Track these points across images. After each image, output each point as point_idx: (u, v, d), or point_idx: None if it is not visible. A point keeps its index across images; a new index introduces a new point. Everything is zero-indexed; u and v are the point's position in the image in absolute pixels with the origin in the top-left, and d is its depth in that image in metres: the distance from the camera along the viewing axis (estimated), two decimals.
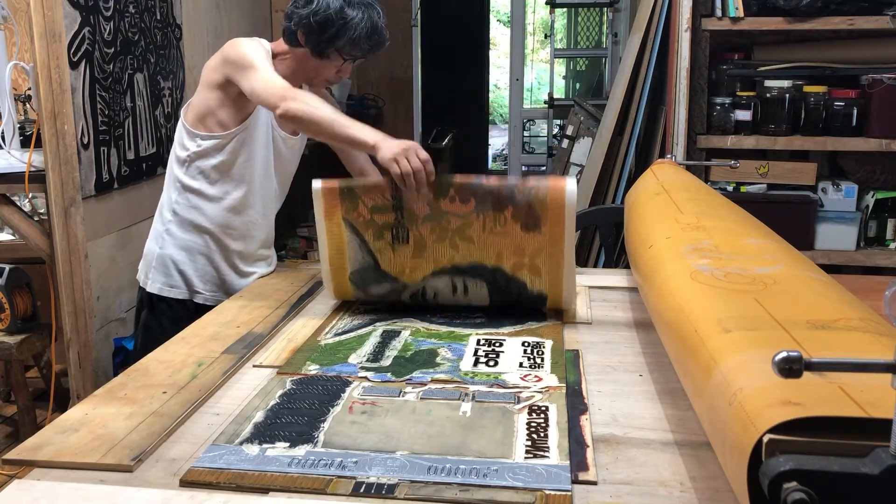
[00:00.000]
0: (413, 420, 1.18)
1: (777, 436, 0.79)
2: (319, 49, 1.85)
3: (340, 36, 1.82)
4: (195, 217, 1.97)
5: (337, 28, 1.82)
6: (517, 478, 1.01)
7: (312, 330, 1.60)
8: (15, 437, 2.76)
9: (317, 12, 1.81)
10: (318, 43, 1.84)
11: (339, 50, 1.85)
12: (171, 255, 1.99)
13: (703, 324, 1.11)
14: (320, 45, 1.84)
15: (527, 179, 1.62)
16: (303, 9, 1.83)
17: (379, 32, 1.86)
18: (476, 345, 1.50)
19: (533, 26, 7.76)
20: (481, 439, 1.11)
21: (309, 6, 1.82)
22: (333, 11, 1.81)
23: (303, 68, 1.91)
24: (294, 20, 1.85)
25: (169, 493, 0.99)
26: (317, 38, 1.83)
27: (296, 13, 1.85)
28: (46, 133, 2.35)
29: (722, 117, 3.14)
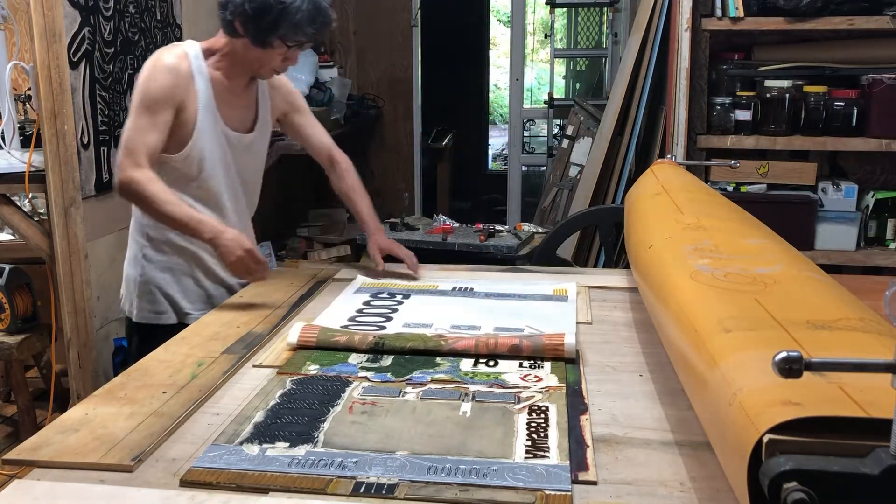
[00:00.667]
0: (413, 420, 1.18)
1: (777, 436, 0.79)
2: (260, 38, 1.75)
3: (281, 22, 1.71)
4: (169, 236, 1.88)
5: (276, 14, 1.70)
6: (517, 478, 1.01)
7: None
8: (15, 437, 2.76)
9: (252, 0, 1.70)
10: (257, 32, 1.74)
11: (282, 37, 1.75)
12: (153, 280, 1.91)
13: (703, 324, 1.11)
14: (260, 34, 1.74)
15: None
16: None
17: (323, 13, 1.75)
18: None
19: (533, 26, 7.76)
20: (481, 439, 1.11)
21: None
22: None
23: (245, 60, 1.81)
24: (230, 9, 1.74)
25: (169, 493, 0.99)
26: (255, 26, 1.73)
27: (231, 2, 1.73)
28: (46, 133, 2.35)
29: (722, 117, 3.14)
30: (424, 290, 1.86)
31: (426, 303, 1.78)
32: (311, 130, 2.08)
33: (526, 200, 5.09)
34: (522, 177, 5.21)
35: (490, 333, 1.53)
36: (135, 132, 1.73)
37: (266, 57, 1.79)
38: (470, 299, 1.80)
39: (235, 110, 1.90)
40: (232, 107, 1.89)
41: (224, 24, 1.78)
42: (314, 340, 1.48)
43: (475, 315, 1.67)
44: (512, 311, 1.70)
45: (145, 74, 1.76)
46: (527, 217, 4.68)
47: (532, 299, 1.79)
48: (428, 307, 1.75)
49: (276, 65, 1.83)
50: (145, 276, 1.92)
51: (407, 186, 4.92)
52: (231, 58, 1.82)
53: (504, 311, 1.71)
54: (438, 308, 1.74)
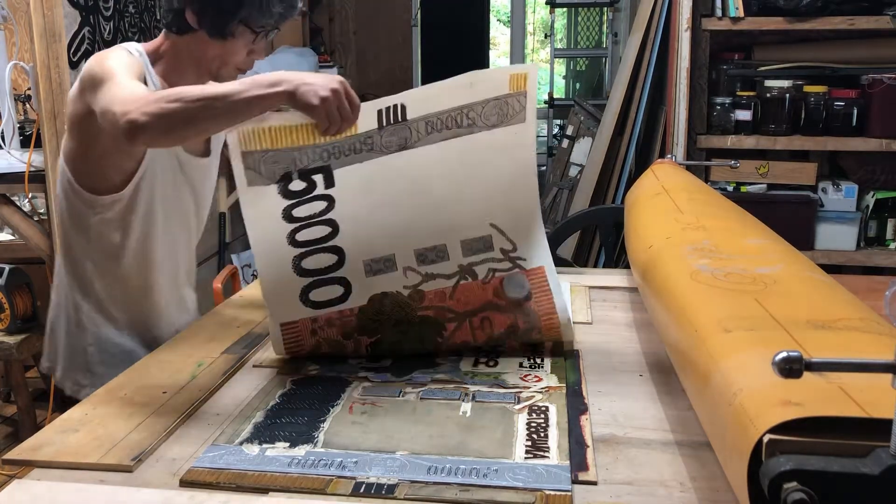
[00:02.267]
0: (413, 420, 1.18)
1: (777, 436, 0.79)
2: (220, 27, 1.45)
3: (244, 3, 1.43)
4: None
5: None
6: (517, 478, 1.01)
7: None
8: (15, 437, 2.76)
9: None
10: (217, 19, 1.44)
11: (246, 21, 1.45)
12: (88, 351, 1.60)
13: (703, 324, 1.11)
14: (221, 22, 1.44)
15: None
16: None
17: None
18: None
19: (533, 26, 7.75)
20: (481, 439, 1.11)
21: None
22: None
23: (202, 59, 1.49)
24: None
25: (169, 493, 0.99)
26: (214, 12, 1.44)
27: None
28: (46, 133, 2.35)
29: (722, 117, 3.14)
30: (345, 149, 1.33)
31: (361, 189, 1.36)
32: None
33: None
34: None
35: (463, 265, 1.39)
36: (124, 83, 1.33)
37: (228, 51, 1.49)
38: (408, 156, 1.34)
39: None
40: None
41: (171, 18, 1.47)
42: (303, 346, 1.42)
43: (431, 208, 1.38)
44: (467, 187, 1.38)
45: (101, 54, 1.43)
46: None
47: (481, 128, 1.34)
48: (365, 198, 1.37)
49: (240, 60, 1.52)
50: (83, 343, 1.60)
51: None
52: (181, 61, 1.51)
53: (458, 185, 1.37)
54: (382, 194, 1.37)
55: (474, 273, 1.42)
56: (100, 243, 1.55)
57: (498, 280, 1.42)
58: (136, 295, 1.62)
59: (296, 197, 1.33)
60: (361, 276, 1.40)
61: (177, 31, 1.49)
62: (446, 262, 1.41)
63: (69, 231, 1.56)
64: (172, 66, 1.51)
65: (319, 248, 1.37)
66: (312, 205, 1.35)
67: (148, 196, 1.54)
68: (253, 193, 1.32)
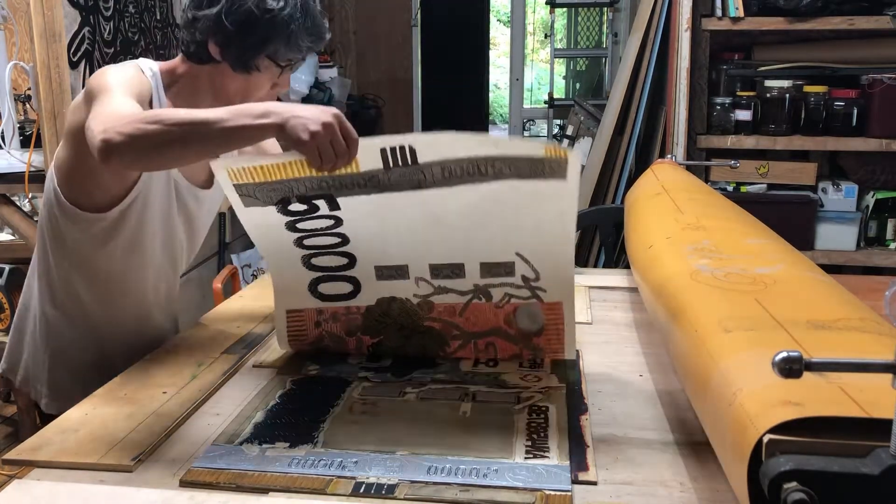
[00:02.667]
0: (413, 420, 1.18)
1: (777, 436, 0.79)
2: (244, 61, 1.36)
3: (272, 36, 1.34)
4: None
5: (264, 26, 1.32)
6: (517, 478, 1.01)
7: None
8: (15, 437, 2.76)
9: (230, 10, 1.32)
10: (240, 53, 1.35)
11: (273, 57, 1.37)
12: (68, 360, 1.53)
13: (703, 324, 1.11)
14: (245, 56, 1.35)
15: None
16: (208, 9, 1.33)
17: (316, 20, 1.38)
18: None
19: (533, 26, 7.76)
20: (481, 439, 1.11)
21: (216, 3, 1.32)
22: (253, 6, 1.32)
23: (222, 90, 1.40)
24: (199, 28, 1.34)
25: (169, 493, 0.99)
26: (238, 46, 1.34)
27: (199, 17, 1.34)
28: (46, 133, 2.35)
29: (722, 117, 3.14)
30: (347, 183, 1.22)
31: (370, 215, 1.27)
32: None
33: None
34: None
35: (479, 285, 1.33)
36: (113, 100, 1.24)
37: (252, 85, 1.40)
38: (424, 195, 1.22)
39: None
40: None
41: (192, 48, 1.38)
42: (306, 336, 1.42)
43: (448, 233, 1.28)
44: (492, 218, 1.26)
45: (108, 68, 1.36)
46: None
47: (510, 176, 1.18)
48: (375, 222, 1.29)
49: (263, 94, 1.42)
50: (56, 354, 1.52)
51: None
52: (199, 89, 1.42)
53: (482, 216, 1.26)
54: (395, 220, 1.28)
55: (489, 294, 1.36)
56: (74, 258, 1.47)
57: (512, 307, 1.37)
58: (98, 315, 1.53)
59: (298, 215, 1.28)
60: (372, 278, 1.37)
61: (197, 61, 1.39)
62: (462, 279, 1.34)
63: (47, 238, 1.49)
64: (188, 91, 1.42)
65: (328, 252, 1.35)
66: (318, 221, 1.28)
67: (135, 223, 1.45)
68: (250, 213, 1.28)
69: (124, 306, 1.55)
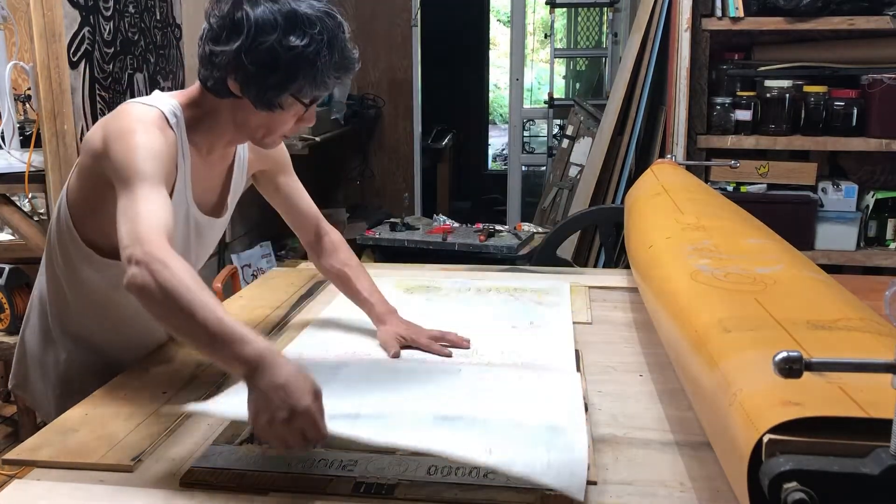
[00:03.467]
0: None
1: (777, 436, 0.79)
2: (267, 100, 1.25)
3: (296, 75, 1.22)
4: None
5: (288, 65, 1.21)
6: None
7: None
8: (15, 437, 2.76)
9: (250, 48, 1.20)
10: (262, 92, 1.24)
11: (297, 94, 1.26)
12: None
13: (703, 324, 1.11)
14: (267, 96, 1.24)
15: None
16: (226, 45, 1.22)
17: (345, 54, 1.26)
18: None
19: (533, 26, 7.76)
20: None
21: (234, 39, 1.21)
22: (275, 42, 1.19)
23: (244, 126, 1.31)
24: (217, 63, 1.23)
25: (169, 493, 0.99)
26: (259, 86, 1.23)
27: (217, 54, 1.23)
28: (46, 133, 2.35)
29: (722, 117, 3.14)
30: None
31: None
32: (298, 195, 1.60)
33: (526, 200, 5.09)
34: (522, 177, 5.21)
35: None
36: (143, 204, 1.15)
37: (276, 121, 1.29)
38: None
39: (208, 189, 1.44)
40: (205, 184, 1.41)
41: (211, 83, 1.27)
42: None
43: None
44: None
45: (129, 130, 1.22)
46: (527, 217, 4.68)
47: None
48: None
49: (287, 129, 1.33)
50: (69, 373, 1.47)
51: (407, 186, 4.92)
52: (220, 123, 1.33)
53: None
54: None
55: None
56: (93, 296, 1.43)
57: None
58: (108, 345, 1.49)
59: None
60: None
61: (215, 95, 1.29)
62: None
63: (62, 275, 1.43)
64: (209, 125, 1.33)
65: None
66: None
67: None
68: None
69: (134, 335, 1.51)
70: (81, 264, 1.39)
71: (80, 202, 1.35)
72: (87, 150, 1.30)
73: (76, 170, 1.35)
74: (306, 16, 1.20)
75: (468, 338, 1.49)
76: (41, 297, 1.51)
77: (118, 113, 1.27)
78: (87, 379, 1.41)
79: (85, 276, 1.40)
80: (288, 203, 1.60)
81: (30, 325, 1.57)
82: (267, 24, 1.19)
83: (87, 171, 1.31)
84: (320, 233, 1.63)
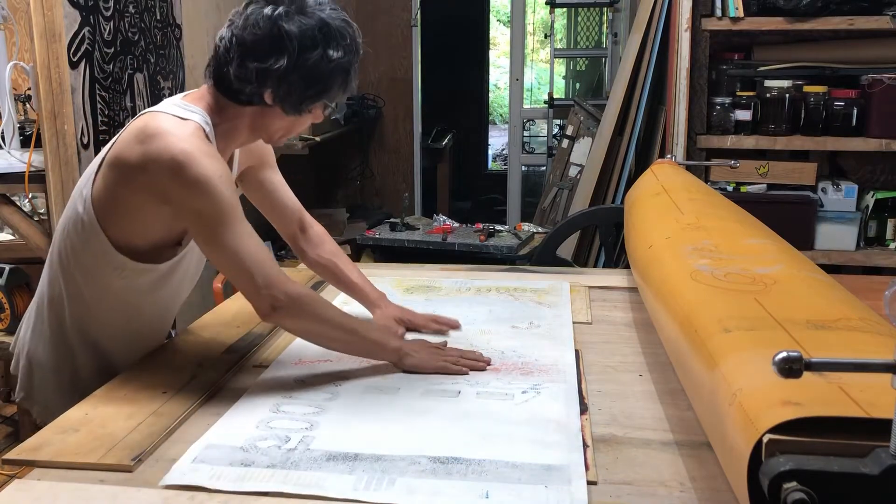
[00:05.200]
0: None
1: (777, 436, 0.79)
2: (301, 107, 1.34)
3: (331, 85, 1.34)
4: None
5: (327, 77, 1.32)
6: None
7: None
8: (15, 437, 2.76)
9: (297, 65, 1.28)
10: (300, 101, 1.33)
11: (328, 101, 1.38)
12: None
13: (703, 324, 1.11)
14: (304, 104, 1.34)
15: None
16: (267, 61, 1.28)
17: (358, 59, 1.38)
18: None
19: (533, 26, 7.76)
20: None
21: (278, 55, 1.27)
22: (318, 57, 1.29)
23: (263, 128, 1.39)
24: (260, 79, 1.29)
25: (169, 493, 0.99)
26: (300, 95, 1.32)
27: (261, 70, 1.28)
28: (46, 133, 2.35)
29: (722, 117, 3.14)
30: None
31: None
32: (282, 188, 1.65)
33: (526, 200, 5.09)
34: (522, 177, 5.21)
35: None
36: (248, 241, 1.28)
37: (298, 123, 1.40)
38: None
39: None
40: None
41: (245, 96, 1.33)
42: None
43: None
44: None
45: (202, 168, 1.25)
46: (527, 217, 4.68)
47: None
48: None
49: (302, 130, 1.46)
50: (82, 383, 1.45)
51: (407, 186, 4.92)
52: (238, 126, 1.39)
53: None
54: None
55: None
56: (116, 304, 1.45)
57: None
58: (121, 347, 1.50)
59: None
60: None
61: (241, 103, 1.34)
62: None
63: (82, 283, 1.42)
64: (227, 130, 1.38)
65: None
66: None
67: (181, 271, 1.48)
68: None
69: (150, 336, 1.55)
70: (110, 272, 1.39)
71: (112, 212, 1.35)
72: (121, 168, 1.31)
73: (102, 182, 1.34)
74: (337, 28, 1.31)
75: (463, 331, 1.57)
76: (52, 304, 1.48)
77: (157, 140, 1.26)
78: (95, 380, 1.40)
79: (111, 283, 1.41)
80: (272, 197, 1.64)
81: (36, 335, 1.54)
82: (308, 39, 1.28)
83: (121, 186, 1.32)
84: (305, 225, 1.67)
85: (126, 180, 1.31)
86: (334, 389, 1.29)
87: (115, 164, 1.32)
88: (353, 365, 1.39)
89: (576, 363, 1.39)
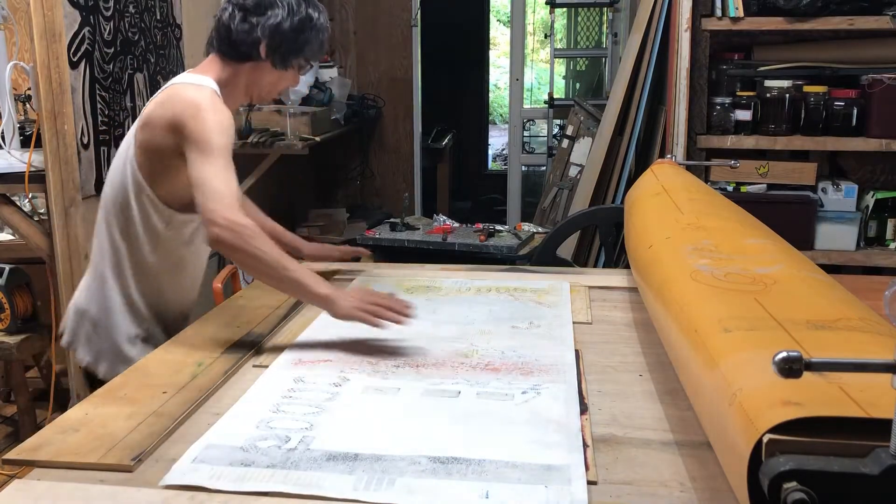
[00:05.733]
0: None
1: (777, 436, 0.79)
2: (287, 60, 1.65)
3: (311, 41, 1.65)
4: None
5: (308, 32, 1.63)
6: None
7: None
8: (15, 437, 2.76)
9: (286, 18, 1.61)
10: (286, 53, 1.63)
11: (308, 56, 1.68)
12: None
13: (703, 324, 1.11)
14: (289, 56, 1.64)
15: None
16: (263, 16, 1.60)
17: (328, 29, 1.71)
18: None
19: (533, 26, 7.75)
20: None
21: (273, 11, 1.60)
22: (304, 13, 1.62)
23: (255, 84, 1.68)
24: (258, 31, 1.60)
25: (169, 493, 0.99)
26: (288, 47, 1.63)
27: (263, 23, 1.59)
28: (46, 133, 2.35)
29: (722, 117, 3.14)
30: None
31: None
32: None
33: (526, 200, 5.09)
34: (522, 177, 5.21)
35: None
36: (223, 174, 1.49)
37: (283, 79, 1.69)
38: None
39: None
40: None
41: (241, 48, 1.63)
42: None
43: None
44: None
45: (211, 113, 1.54)
46: (527, 217, 4.68)
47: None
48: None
49: (284, 88, 1.74)
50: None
51: (407, 186, 4.92)
52: (237, 86, 1.68)
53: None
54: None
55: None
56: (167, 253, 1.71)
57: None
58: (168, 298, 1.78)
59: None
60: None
61: (238, 59, 1.63)
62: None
63: (141, 233, 1.67)
64: (229, 92, 1.65)
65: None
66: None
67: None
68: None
69: (188, 287, 1.83)
70: (162, 225, 1.66)
71: (151, 170, 1.62)
72: (151, 126, 1.60)
73: (136, 147, 1.62)
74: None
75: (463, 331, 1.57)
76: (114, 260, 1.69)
77: (178, 95, 1.58)
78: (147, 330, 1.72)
79: (164, 235, 1.68)
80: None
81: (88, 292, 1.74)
82: (295, 2, 1.61)
83: (153, 144, 1.60)
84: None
85: (161, 136, 1.57)
86: (334, 389, 1.29)
87: (148, 125, 1.60)
88: (353, 365, 1.39)
89: (576, 363, 1.39)
